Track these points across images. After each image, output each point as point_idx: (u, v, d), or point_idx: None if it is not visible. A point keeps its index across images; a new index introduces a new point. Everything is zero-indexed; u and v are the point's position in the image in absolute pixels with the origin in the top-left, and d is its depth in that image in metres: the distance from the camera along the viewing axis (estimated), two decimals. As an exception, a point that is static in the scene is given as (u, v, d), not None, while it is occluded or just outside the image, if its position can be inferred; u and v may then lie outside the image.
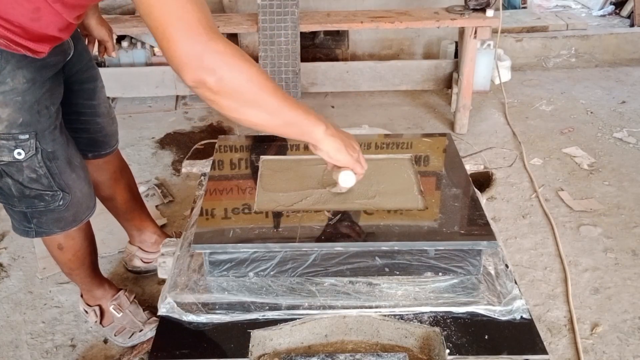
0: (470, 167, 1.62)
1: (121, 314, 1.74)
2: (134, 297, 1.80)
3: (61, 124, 1.38)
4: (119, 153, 1.78)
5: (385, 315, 1.16)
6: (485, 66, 2.98)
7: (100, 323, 1.75)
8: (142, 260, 1.98)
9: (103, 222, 1.75)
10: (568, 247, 2.14)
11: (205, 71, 1.00)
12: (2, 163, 1.27)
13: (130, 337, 1.72)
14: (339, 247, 1.20)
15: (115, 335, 1.73)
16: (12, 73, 1.21)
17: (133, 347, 1.71)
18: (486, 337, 1.11)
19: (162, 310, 1.17)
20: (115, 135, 1.72)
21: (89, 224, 1.58)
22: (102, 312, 1.75)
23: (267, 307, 1.17)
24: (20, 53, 1.20)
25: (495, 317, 1.15)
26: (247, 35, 3.42)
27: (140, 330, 1.72)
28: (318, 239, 1.21)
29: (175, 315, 1.16)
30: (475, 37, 2.68)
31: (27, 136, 1.26)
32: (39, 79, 1.27)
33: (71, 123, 1.49)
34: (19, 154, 1.26)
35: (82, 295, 1.78)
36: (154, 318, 1.75)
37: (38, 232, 1.43)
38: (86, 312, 1.77)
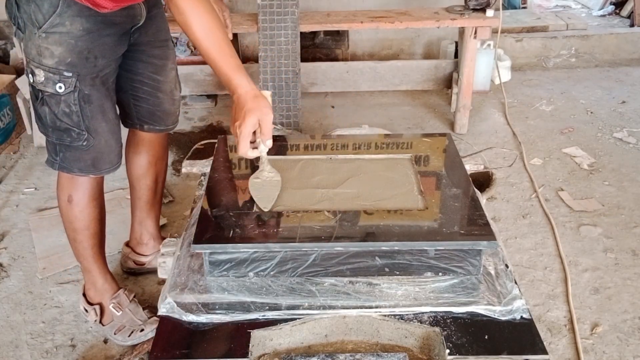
0: (470, 167, 1.62)
1: (121, 312, 1.74)
2: (134, 296, 1.80)
3: (106, 79, 1.51)
4: (167, 145, 1.87)
5: (385, 315, 1.16)
6: (485, 66, 2.98)
7: (100, 322, 1.75)
8: (135, 263, 1.99)
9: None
10: (568, 247, 2.14)
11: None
12: (46, 94, 1.44)
13: (129, 336, 1.72)
14: (339, 247, 1.20)
15: (114, 334, 1.73)
16: (71, 19, 1.37)
17: (133, 347, 1.71)
18: (486, 337, 1.11)
19: (162, 310, 1.17)
20: (173, 117, 1.79)
21: (101, 194, 1.66)
22: (102, 311, 1.76)
23: (267, 307, 1.17)
24: (83, 3, 1.34)
25: (495, 317, 1.15)
26: (247, 35, 3.42)
27: (141, 330, 1.72)
28: (318, 239, 1.21)
29: (175, 315, 1.16)
30: (475, 37, 2.68)
31: (70, 74, 1.42)
32: (96, 31, 1.41)
33: (134, 90, 1.66)
34: (60, 87, 1.42)
35: (83, 294, 1.78)
36: (155, 318, 1.75)
37: (61, 166, 1.56)
38: (86, 310, 1.77)
